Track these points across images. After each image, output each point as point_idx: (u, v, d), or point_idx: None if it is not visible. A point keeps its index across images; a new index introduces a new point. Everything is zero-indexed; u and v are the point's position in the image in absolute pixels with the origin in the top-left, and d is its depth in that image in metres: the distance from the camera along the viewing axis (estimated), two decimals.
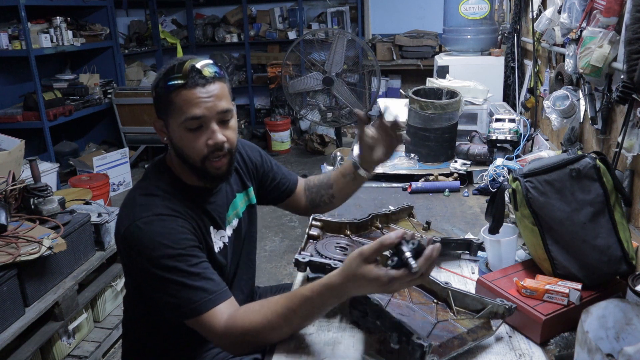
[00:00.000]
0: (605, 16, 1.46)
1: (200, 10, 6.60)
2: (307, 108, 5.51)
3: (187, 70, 1.06)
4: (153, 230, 1.05)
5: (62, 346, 2.08)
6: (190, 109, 1.06)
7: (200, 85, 1.06)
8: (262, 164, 1.40)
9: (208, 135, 1.09)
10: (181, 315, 1.04)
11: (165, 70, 1.09)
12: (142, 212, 1.07)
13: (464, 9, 2.91)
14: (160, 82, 1.09)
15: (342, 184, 1.42)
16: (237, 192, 1.32)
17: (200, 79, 1.06)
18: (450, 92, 2.18)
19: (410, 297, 1.07)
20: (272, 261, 3.24)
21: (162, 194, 1.12)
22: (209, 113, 1.07)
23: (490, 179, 1.81)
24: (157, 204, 1.09)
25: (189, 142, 1.09)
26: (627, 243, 1.08)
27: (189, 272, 1.04)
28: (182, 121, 1.07)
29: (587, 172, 1.08)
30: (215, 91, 1.08)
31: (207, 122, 1.08)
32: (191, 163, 1.12)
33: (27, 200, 2.05)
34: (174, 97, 1.07)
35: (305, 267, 1.11)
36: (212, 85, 1.08)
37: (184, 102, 1.06)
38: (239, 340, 1.02)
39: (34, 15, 4.03)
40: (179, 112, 1.07)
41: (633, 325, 0.85)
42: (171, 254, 1.03)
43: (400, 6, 5.90)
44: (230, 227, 1.28)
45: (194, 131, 1.08)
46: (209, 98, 1.07)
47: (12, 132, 3.12)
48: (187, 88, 1.06)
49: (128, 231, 1.06)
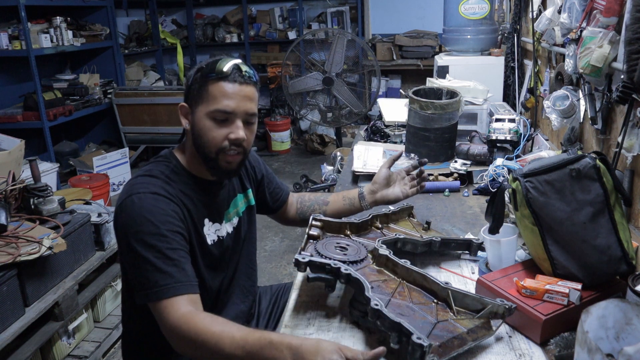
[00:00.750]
0: (605, 16, 1.46)
1: (200, 10, 6.61)
2: (307, 108, 5.51)
3: (229, 66, 1.13)
4: (144, 206, 1.08)
5: (62, 346, 2.08)
6: (223, 100, 1.12)
7: (238, 82, 1.13)
8: (260, 168, 1.46)
9: (231, 130, 1.14)
10: (144, 296, 1.05)
11: (208, 63, 1.16)
12: (140, 188, 1.11)
13: (464, 9, 2.91)
14: (202, 69, 1.15)
15: (339, 206, 1.50)
16: (238, 192, 1.35)
17: (239, 76, 1.14)
18: (450, 92, 2.18)
19: (410, 297, 1.07)
20: (272, 261, 3.24)
21: (163, 177, 1.16)
22: (239, 110, 1.14)
23: (490, 179, 1.81)
24: (155, 184, 1.13)
25: (211, 131, 1.14)
26: (627, 243, 1.08)
27: (165, 255, 1.05)
28: (212, 110, 1.13)
29: (587, 172, 1.08)
30: (249, 92, 1.16)
31: (233, 117, 1.14)
32: (206, 152, 1.16)
33: (27, 200, 2.05)
34: (211, 85, 1.13)
35: (305, 267, 1.11)
36: (248, 86, 1.15)
37: (220, 92, 1.12)
38: (188, 339, 1.00)
39: (34, 15, 4.03)
40: (212, 101, 1.13)
41: (633, 325, 0.85)
42: (154, 231, 1.06)
43: (400, 6, 5.91)
44: (231, 225, 1.30)
45: (219, 122, 1.14)
46: (243, 97, 1.14)
47: (12, 132, 3.12)
48: (226, 80, 1.13)
49: (123, 204, 1.11)
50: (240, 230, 1.33)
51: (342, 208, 1.49)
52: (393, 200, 1.47)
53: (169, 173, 1.18)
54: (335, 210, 1.49)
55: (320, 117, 5.26)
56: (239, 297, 1.36)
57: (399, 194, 1.46)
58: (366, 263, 1.16)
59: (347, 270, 1.07)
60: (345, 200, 1.49)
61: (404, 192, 1.47)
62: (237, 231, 1.32)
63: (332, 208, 1.49)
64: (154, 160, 1.23)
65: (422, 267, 1.28)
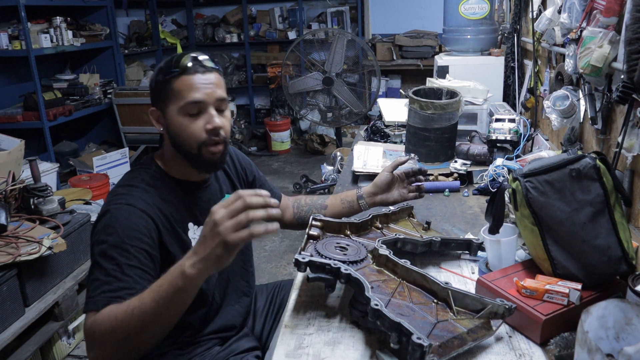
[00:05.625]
0: (605, 16, 1.46)
1: (200, 10, 6.60)
2: (307, 108, 5.51)
3: (187, 59, 1.12)
4: (117, 217, 1.07)
5: (62, 346, 2.08)
6: (190, 93, 1.11)
7: (200, 72, 1.13)
8: (251, 170, 1.46)
9: (206, 120, 1.13)
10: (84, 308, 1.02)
11: (165, 62, 1.15)
12: (118, 199, 1.11)
13: (464, 9, 2.91)
14: (160, 71, 1.14)
15: (338, 209, 1.50)
16: (227, 192, 1.34)
17: (200, 66, 1.13)
18: (450, 92, 2.18)
19: (410, 297, 1.07)
20: (272, 261, 3.24)
21: (143, 185, 1.15)
22: (208, 98, 1.13)
23: (490, 179, 1.81)
24: (133, 195, 1.12)
25: (187, 127, 1.13)
26: (627, 243, 1.08)
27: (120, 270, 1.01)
28: (182, 105, 1.12)
29: (587, 172, 1.08)
30: (213, 79, 1.14)
31: (205, 107, 1.13)
32: (187, 150, 1.15)
33: (27, 200, 2.05)
34: (175, 82, 1.12)
35: (305, 267, 1.11)
36: (210, 74, 1.14)
37: (185, 86, 1.11)
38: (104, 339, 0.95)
39: (34, 15, 4.02)
40: (178, 97, 1.12)
41: (633, 325, 0.85)
42: (117, 244, 1.03)
43: (400, 6, 5.91)
44: None
45: (192, 116, 1.13)
46: (209, 84, 1.13)
47: (12, 132, 3.12)
48: (187, 74, 1.12)
49: (100, 215, 1.10)
50: None
51: (340, 211, 1.50)
52: (392, 203, 1.49)
53: (148, 179, 1.16)
54: (334, 213, 1.49)
55: (320, 117, 5.26)
56: (234, 298, 1.36)
57: (398, 197, 1.48)
58: (366, 263, 1.16)
59: (347, 270, 1.07)
60: (344, 203, 1.49)
61: (403, 195, 1.49)
62: None
63: (330, 212, 1.49)
64: (134, 167, 1.22)
65: (422, 267, 1.28)
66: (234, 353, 1.28)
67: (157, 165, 1.21)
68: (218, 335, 1.29)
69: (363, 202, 1.47)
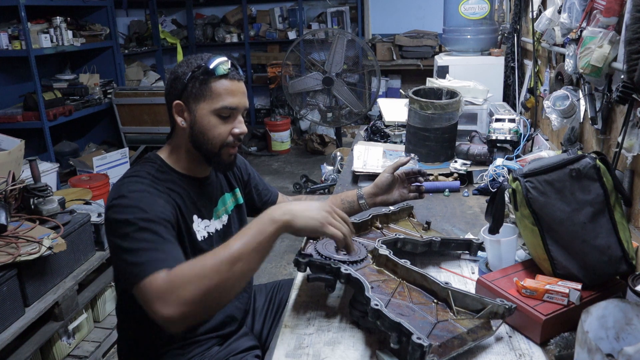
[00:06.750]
0: (605, 16, 1.46)
1: (200, 10, 6.61)
2: (307, 108, 5.51)
3: (226, 64, 1.17)
4: (135, 198, 1.07)
5: (62, 346, 2.08)
6: (228, 98, 1.17)
7: (236, 79, 1.19)
8: (246, 169, 1.49)
9: (235, 125, 1.20)
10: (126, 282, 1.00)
11: (204, 59, 1.17)
12: (129, 187, 1.11)
13: (464, 9, 2.91)
14: (200, 67, 1.16)
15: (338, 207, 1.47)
16: (225, 191, 1.37)
17: (237, 74, 1.20)
18: (450, 92, 2.18)
19: (410, 297, 1.07)
20: (272, 261, 3.24)
21: (150, 177, 1.16)
22: (241, 106, 1.20)
23: (490, 179, 1.81)
24: (143, 183, 1.13)
25: (215, 127, 1.17)
26: (627, 243, 1.08)
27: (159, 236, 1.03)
28: (219, 107, 1.16)
29: (587, 172, 1.08)
30: (244, 89, 1.23)
31: (236, 113, 1.20)
32: (208, 148, 1.19)
33: (27, 200, 2.05)
34: (214, 83, 1.16)
35: (305, 267, 1.11)
36: (241, 82, 1.21)
37: (224, 90, 1.17)
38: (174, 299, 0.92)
39: (34, 15, 4.02)
40: (216, 99, 1.16)
41: (633, 325, 0.85)
42: (146, 217, 1.04)
43: (400, 6, 5.91)
44: (220, 222, 1.31)
45: (222, 119, 1.18)
46: (242, 93, 1.21)
47: (12, 132, 3.12)
48: (229, 79, 1.17)
49: (113, 203, 1.08)
50: (231, 228, 1.34)
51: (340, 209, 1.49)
52: (392, 204, 1.50)
53: (154, 173, 1.18)
54: None
55: (320, 117, 5.26)
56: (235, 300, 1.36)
57: (398, 198, 1.49)
58: (366, 263, 1.16)
59: (347, 270, 1.07)
60: (345, 203, 1.49)
61: (403, 195, 1.49)
62: (228, 228, 1.33)
63: None
64: (138, 162, 1.23)
65: (422, 267, 1.28)
66: (234, 353, 1.28)
67: (161, 159, 1.23)
68: (218, 334, 1.29)
69: (363, 202, 1.47)
